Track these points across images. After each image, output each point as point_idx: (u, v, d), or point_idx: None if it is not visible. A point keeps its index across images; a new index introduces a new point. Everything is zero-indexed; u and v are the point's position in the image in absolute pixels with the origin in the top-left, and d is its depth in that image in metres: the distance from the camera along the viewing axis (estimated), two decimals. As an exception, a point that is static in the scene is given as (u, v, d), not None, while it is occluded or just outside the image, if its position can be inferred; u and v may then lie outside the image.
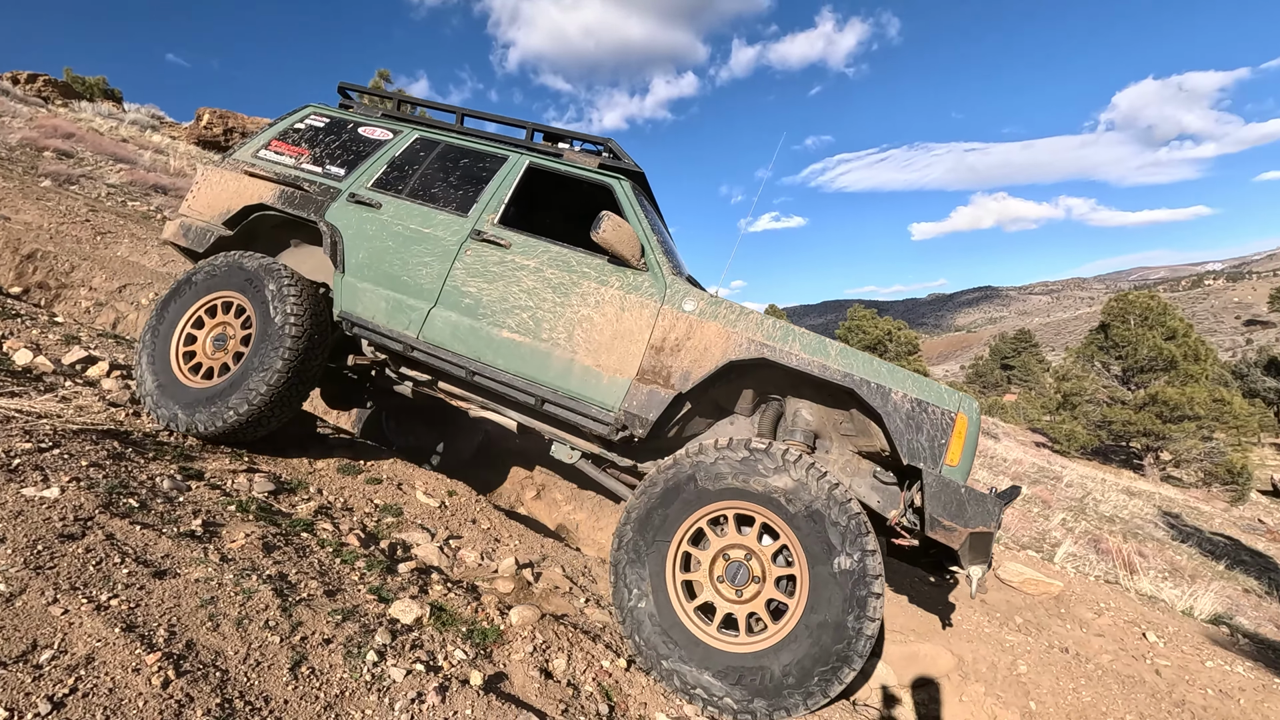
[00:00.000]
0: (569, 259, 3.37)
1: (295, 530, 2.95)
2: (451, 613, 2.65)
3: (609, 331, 3.20)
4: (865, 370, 2.92)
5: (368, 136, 4.08)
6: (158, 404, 3.52)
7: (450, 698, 2.12)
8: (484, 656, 2.44)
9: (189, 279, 3.75)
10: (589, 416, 3.17)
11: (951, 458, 2.81)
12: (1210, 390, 27.70)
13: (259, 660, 2.01)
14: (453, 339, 3.38)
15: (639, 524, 2.88)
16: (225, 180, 4.05)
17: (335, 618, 2.32)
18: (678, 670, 2.67)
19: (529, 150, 3.79)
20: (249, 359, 3.46)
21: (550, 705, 2.31)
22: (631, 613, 2.79)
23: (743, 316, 3.09)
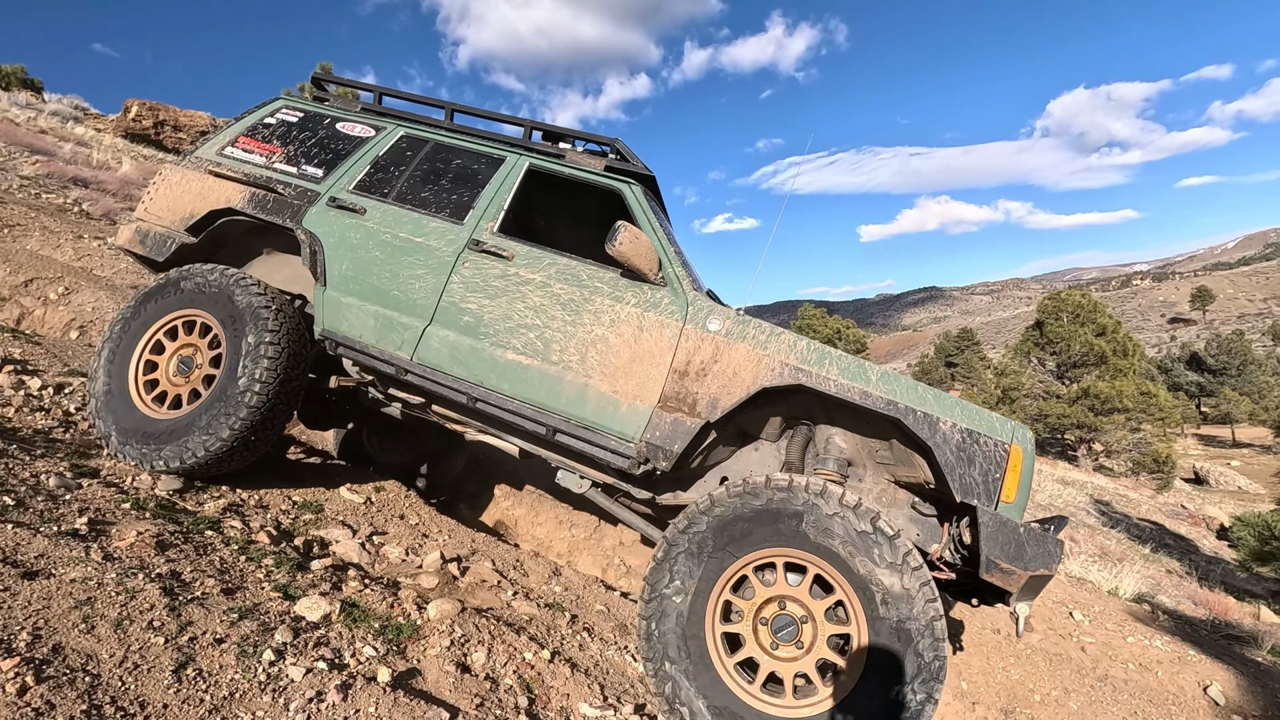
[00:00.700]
0: (579, 272, 3.07)
1: (198, 528, 2.77)
2: (365, 609, 2.52)
3: (626, 354, 2.91)
4: (910, 397, 2.67)
5: (347, 133, 3.69)
6: (120, 442, 3.11)
7: (353, 695, 2.01)
8: (396, 653, 2.33)
9: (145, 298, 3.34)
10: (606, 448, 2.86)
11: (1007, 493, 2.59)
12: (1138, 384, 29.14)
13: (137, 663, 1.86)
14: (451, 361, 3.06)
15: (699, 546, 2.54)
16: (187, 181, 3.63)
17: (231, 616, 2.17)
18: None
19: (528, 151, 3.47)
20: (221, 384, 3.09)
21: (464, 700, 2.21)
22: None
23: (774, 337, 2.83)
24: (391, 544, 3.36)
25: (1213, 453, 45.12)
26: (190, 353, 3.30)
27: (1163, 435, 29.02)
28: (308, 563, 2.84)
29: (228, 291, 3.21)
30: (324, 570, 2.80)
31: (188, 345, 3.32)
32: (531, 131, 3.55)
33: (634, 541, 4.95)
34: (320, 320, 3.28)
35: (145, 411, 3.18)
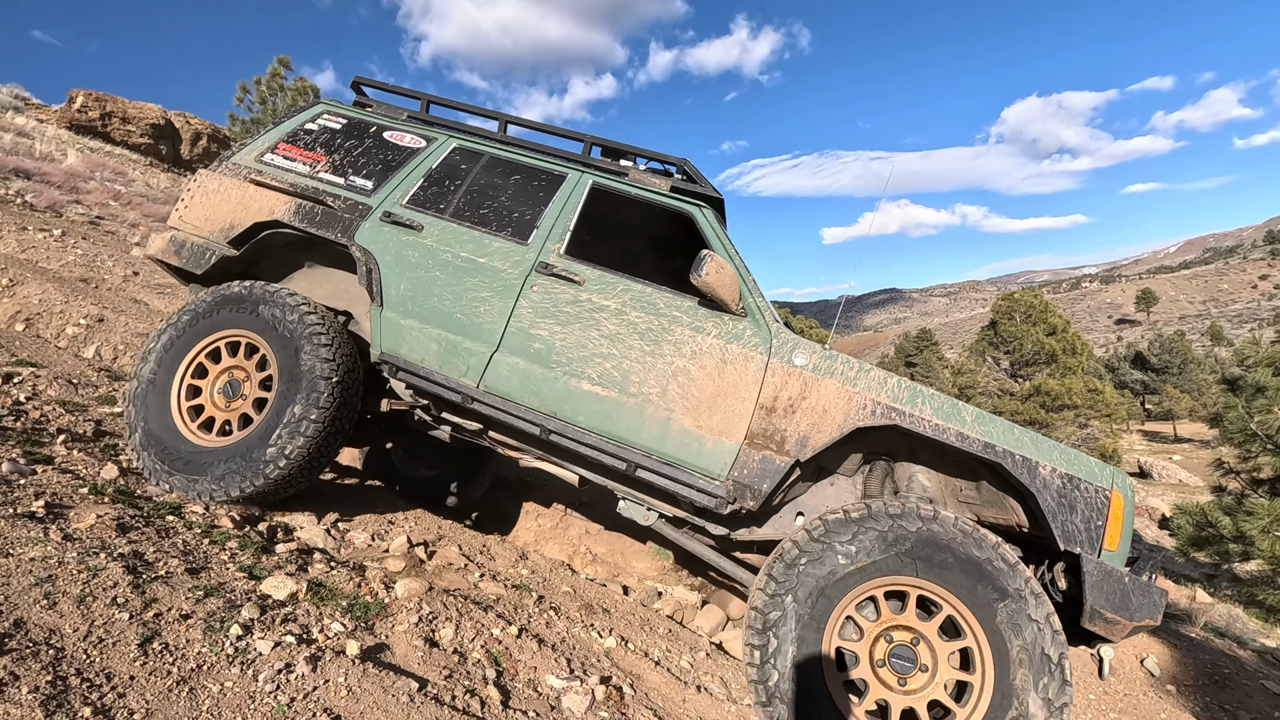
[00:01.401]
0: (655, 300, 2.97)
1: (159, 513, 2.74)
2: (331, 589, 2.54)
3: (710, 387, 2.81)
4: (1007, 440, 2.64)
5: (396, 143, 3.52)
6: (165, 471, 2.98)
7: (322, 667, 2.03)
8: (364, 629, 2.35)
9: (184, 319, 3.19)
10: (692, 486, 2.76)
11: (1110, 542, 2.55)
12: (1086, 382, 30.26)
13: (102, 638, 1.85)
14: (523, 390, 2.93)
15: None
16: (226, 189, 3.43)
17: (197, 594, 2.17)
18: None
19: (590, 168, 3.33)
20: (276, 407, 2.96)
21: (433, 671, 2.25)
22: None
23: (863, 373, 2.77)
24: (356, 530, 3.37)
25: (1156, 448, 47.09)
26: (241, 378, 3.16)
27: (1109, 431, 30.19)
28: (272, 546, 2.83)
29: (297, 343, 3.03)
30: (289, 553, 2.80)
31: (236, 368, 3.17)
32: (591, 147, 3.44)
33: (599, 531, 5.01)
34: (378, 342, 3.12)
35: (187, 434, 3.05)
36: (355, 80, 3.81)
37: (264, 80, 21.47)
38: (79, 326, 5.62)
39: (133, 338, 5.69)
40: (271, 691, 1.88)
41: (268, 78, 21.52)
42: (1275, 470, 10.84)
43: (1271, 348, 11.79)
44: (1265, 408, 10.99)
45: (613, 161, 3.39)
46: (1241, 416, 11.55)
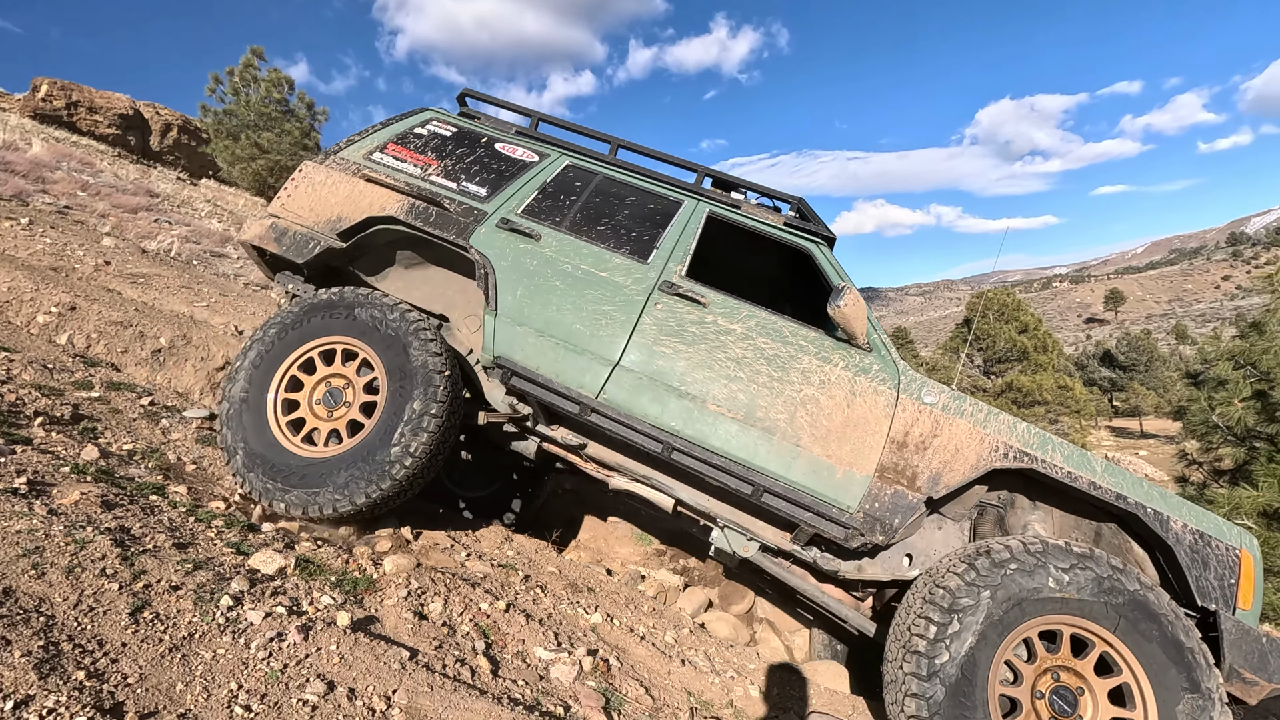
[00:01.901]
0: (780, 328, 2.98)
1: (143, 492, 2.73)
2: (319, 564, 2.55)
3: (839, 418, 2.80)
4: (1138, 492, 2.66)
5: (508, 155, 3.55)
6: (279, 490, 2.85)
7: (314, 636, 2.05)
8: (354, 602, 2.37)
9: (271, 333, 3.10)
10: (822, 515, 2.71)
11: (1243, 601, 2.56)
12: (1056, 379, 30.95)
13: (93, 606, 1.86)
14: (644, 406, 2.89)
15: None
16: (334, 182, 3.41)
17: (185, 567, 2.18)
18: None
19: (704, 197, 3.39)
20: (391, 406, 2.88)
21: (423, 643, 2.28)
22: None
23: (992, 416, 2.79)
24: (342, 512, 3.37)
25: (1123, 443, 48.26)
26: (340, 385, 3.08)
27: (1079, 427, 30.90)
28: (259, 525, 2.83)
29: (404, 341, 2.97)
30: (276, 531, 2.80)
31: (334, 376, 3.10)
32: (704, 177, 3.49)
33: (583, 517, 5.05)
34: (490, 346, 3.07)
35: (292, 449, 2.94)
36: (463, 92, 3.84)
37: (237, 71, 21.10)
38: (50, 314, 5.51)
39: (106, 326, 5.59)
40: (264, 658, 1.89)
41: (241, 68, 21.15)
42: (1235, 461, 11.20)
43: (1232, 342, 12.17)
44: (1226, 400, 11.35)
45: (724, 193, 3.45)
46: (1204, 409, 11.92)
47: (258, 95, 21.05)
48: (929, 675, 2.36)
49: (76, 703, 1.51)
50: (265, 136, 20.15)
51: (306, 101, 21.76)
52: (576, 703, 2.29)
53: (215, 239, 11.42)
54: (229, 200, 17.41)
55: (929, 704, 2.33)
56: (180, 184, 16.98)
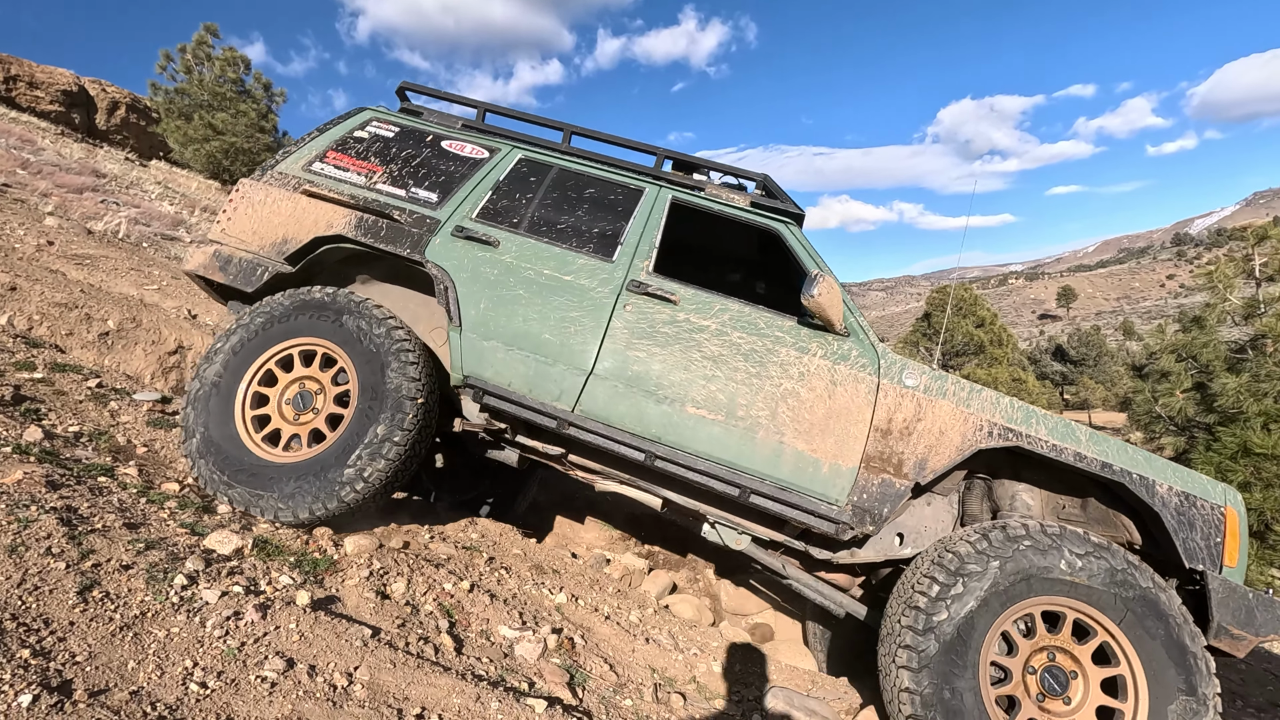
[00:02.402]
0: (755, 320, 2.89)
1: (90, 473, 2.64)
2: (277, 545, 2.51)
3: (821, 410, 2.75)
4: (1123, 459, 2.67)
5: (457, 153, 3.35)
6: (224, 483, 2.76)
7: (272, 615, 2.02)
8: (314, 582, 2.34)
9: (258, 321, 2.98)
10: (809, 511, 2.67)
11: (1229, 558, 2.59)
12: (1011, 372, 31.90)
13: (38, 585, 1.80)
14: (623, 415, 2.81)
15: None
16: (274, 200, 3.21)
17: (137, 546, 2.12)
18: None
19: (664, 181, 3.26)
20: (355, 425, 2.76)
21: (386, 621, 2.26)
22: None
23: (974, 394, 2.76)
24: (302, 496, 3.30)
25: (1073, 435, 49.95)
26: (314, 389, 2.96)
27: (1031, 418, 31.96)
28: (213, 507, 2.76)
29: (384, 359, 2.85)
30: (231, 513, 2.74)
31: (309, 379, 2.98)
32: (663, 160, 3.35)
33: (547, 501, 5.04)
34: (458, 365, 2.95)
35: (250, 445, 2.83)
36: (401, 85, 3.62)
37: (189, 49, 20.30)
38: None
39: (50, 307, 5.36)
40: (220, 637, 1.86)
41: (193, 46, 20.35)
42: (1176, 449, 11.71)
43: (1174, 336, 12.70)
44: (1168, 391, 11.85)
45: (686, 175, 3.33)
46: (1148, 400, 12.43)
47: (211, 74, 20.30)
48: (924, 630, 2.40)
49: (21, 680, 1.47)
50: (220, 117, 19.45)
51: (264, 82, 21.08)
52: (541, 678, 2.30)
53: (167, 222, 11.02)
54: (181, 182, 16.81)
55: (920, 656, 2.37)
56: (129, 164, 16.32)
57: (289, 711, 1.69)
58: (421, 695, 1.93)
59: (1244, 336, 11.59)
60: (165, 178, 16.52)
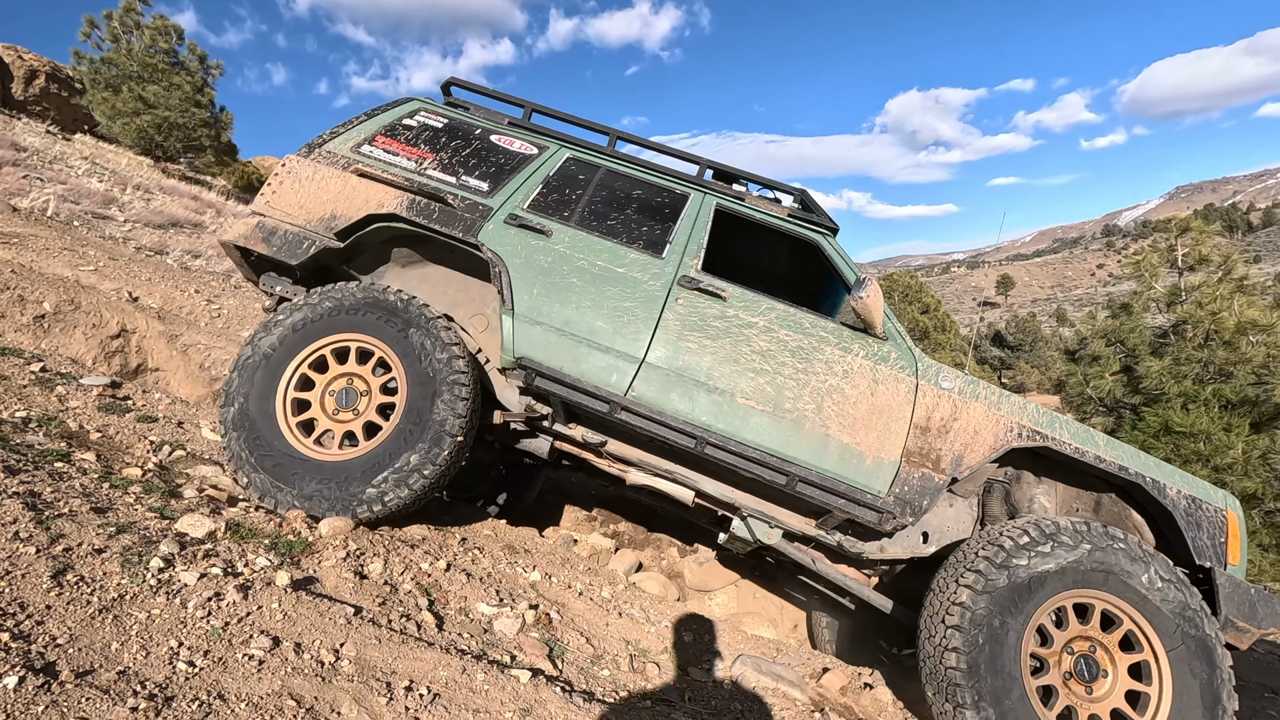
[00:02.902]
0: (800, 320, 3.01)
1: (46, 459, 2.55)
2: (251, 528, 2.48)
3: (864, 406, 2.89)
4: (1136, 463, 2.86)
5: (507, 148, 3.41)
6: (251, 465, 2.73)
7: (254, 595, 2.02)
8: (291, 563, 2.33)
9: (326, 304, 2.95)
10: (855, 501, 2.79)
11: (1233, 557, 2.79)
12: (953, 357, 33.16)
13: (9, 569, 1.75)
14: (674, 402, 2.89)
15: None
16: (325, 177, 3.22)
17: (108, 530, 2.08)
18: None
19: (709, 190, 3.36)
20: (390, 445, 2.76)
21: (366, 600, 2.27)
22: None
23: (1003, 398, 2.92)
24: (267, 480, 3.26)
25: (1009, 416, 52.25)
26: (359, 388, 2.94)
27: (971, 401, 33.36)
28: (179, 491, 2.71)
29: (437, 387, 2.83)
30: (200, 497, 2.69)
31: (359, 377, 2.95)
32: (705, 169, 3.44)
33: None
34: (510, 346, 2.98)
35: (284, 429, 2.81)
36: (448, 81, 3.65)
37: (116, 15, 19.11)
38: (-90, 275, 4.94)
39: (-21, 288, 5.07)
40: (203, 617, 1.85)
41: (120, 12, 19.15)
42: (1106, 429, 12.43)
43: (1104, 322, 13.44)
44: (1099, 374, 12.55)
45: (727, 185, 3.44)
46: (1080, 383, 13.14)
47: (141, 44, 19.17)
48: (983, 591, 2.48)
49: (4, 663, 1.44)
50: (151, 90, 18.41)
51: (199, 53, 20.03)
52: (522, 651, 2.36)
53: (97, 199, 10.45)
54: (110, 158, 15.92)
55: (987, 582, 2.49)
56: (51, 138, 15.35)
57: (279, 687, 1.70)
58: (409, 669, 1.96)
59: (1167, 322, 12.36)
60: (93, 153, 15.61)
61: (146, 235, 9.45)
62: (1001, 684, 2.38)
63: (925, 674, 2.56)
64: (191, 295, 6.63)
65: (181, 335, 5.42)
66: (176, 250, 9.19)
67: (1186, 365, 11.28)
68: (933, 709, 2.52)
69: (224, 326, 6.28)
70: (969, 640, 2.43)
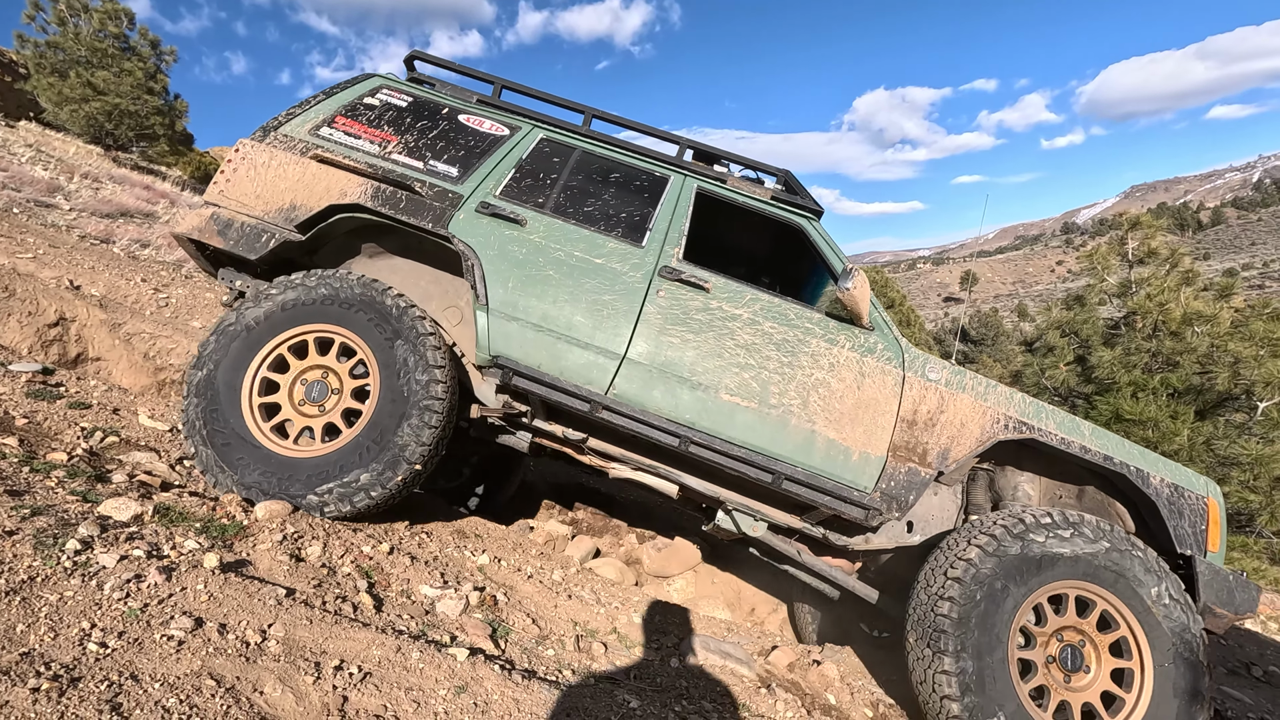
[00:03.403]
0: (785, 311, 2.94)
1: (-37, 443, 2.45)
2: (181, 512, 2.40)
3: (850, 400, 2.83)
4: (1121, 452, 2.85)
5: (476, 129, 3.24)
6: (215, 464, 2.65)
7: (179, 577, 1.95)
8: (223, 546, 2.27)
9: (321, 289, 2.84)
10: (841, 498, 2.74)
11: (1212, 544, 2.81)
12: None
13: (-93, 552, 1.67)
14: (657, 400, 2.82)
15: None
16: (281, 164, 3.03)
17: (21, 512, 1.99)
18: None
19: (687, 171, 3.25)
20: (348, 452, 2.66)
21: (301, 583, 2.22)
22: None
23: (990, 389, 2.88)
24: (207, 467, 3.16)
25: (972, 409, 53.41)
26: (332, 387, 2.85)
27: (936, 393, 34.03)
28: (106, 476, 2.62)
29: (408, 408, 2.72)
30: (129, 482, 2.60)
31: (332, 373, 2.85)
32: (685, 149, 3.31)
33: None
34: (485, 344, 2.88)
35: (246, 414, 2.72)
36: (411, 54, 3.47)
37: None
38: None
39: (-96, 275, 4.84)
40: (121, 599, 1.79)
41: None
42: (1059, 417, 12.77)
43: (1059, 314, 13.80)
44: (1053, 364, 12.89)
45: (707, 166, 3.32)
46: (1036, 372, 13.47)
47: (89, 28, 18.47)
48: (1015, 537, 2.52)
49: (-107, 644, 1.37)
50: (100, 76, 17.75)
51: (150, 39, 19.35)
52: (463, 632, 2.33)
53: (41, 187, 10.07)
54: (57, 145, 15.34)
55: (998, 545, 2.52)
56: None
57: (199, 667, 1.65)
58: (340, 649, 1.92)
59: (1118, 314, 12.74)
60: (38, 140, 15.02)
61: (93, 224, 9.13)
62: (987, 642, 2.40)
63: (912, 622, 2.57)
64: (138, 284, 6.42)
65: (125, 324, 5.24)
66: (124, 239, 8.90)
67: (1136, 355, 11.65)
68: (910, 656, 2.53)
69: (171, 316, 6.09)
70: (966, 593, 2.45)
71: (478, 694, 1.94)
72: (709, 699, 2.48)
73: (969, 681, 2.35)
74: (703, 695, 2.51)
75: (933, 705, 2.41)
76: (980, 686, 2.35)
